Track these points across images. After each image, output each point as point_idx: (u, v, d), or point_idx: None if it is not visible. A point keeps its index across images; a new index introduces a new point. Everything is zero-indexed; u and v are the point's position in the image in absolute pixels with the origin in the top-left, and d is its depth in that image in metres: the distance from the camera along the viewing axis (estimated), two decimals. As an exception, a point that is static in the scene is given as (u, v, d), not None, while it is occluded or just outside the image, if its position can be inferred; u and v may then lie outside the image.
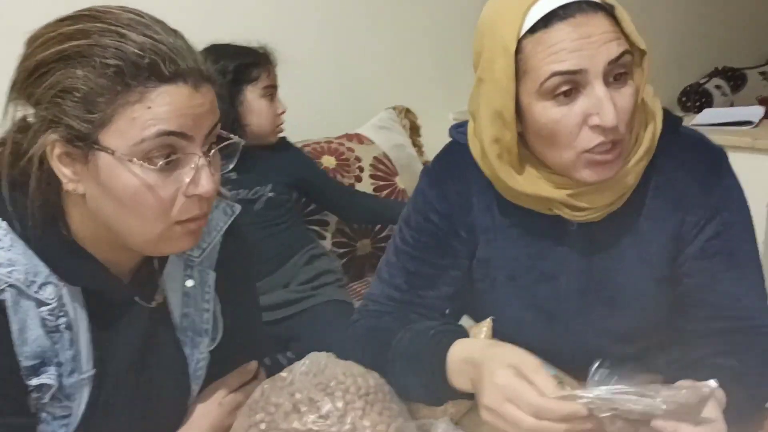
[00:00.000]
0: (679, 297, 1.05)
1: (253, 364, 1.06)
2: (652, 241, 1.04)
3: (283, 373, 0.94)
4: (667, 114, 1.03)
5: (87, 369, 0.87)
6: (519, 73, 0.92)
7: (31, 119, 0.82)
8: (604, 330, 1.07)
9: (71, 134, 0.78)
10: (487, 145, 0.99)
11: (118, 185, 0.79)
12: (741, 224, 1.03)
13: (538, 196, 1.00)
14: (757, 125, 2.43)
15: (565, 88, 0.90)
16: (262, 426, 0.89)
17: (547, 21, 0.89)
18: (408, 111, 2.61)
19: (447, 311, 1.12)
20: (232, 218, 1.02)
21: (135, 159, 0.78)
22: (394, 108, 2.57)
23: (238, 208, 1.03)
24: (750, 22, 3.99)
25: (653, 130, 0.99)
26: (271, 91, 1.87)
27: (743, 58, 3.88)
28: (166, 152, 0.79)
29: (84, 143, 0.78)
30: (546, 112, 0.92)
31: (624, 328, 1.07)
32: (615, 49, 0.89)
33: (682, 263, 1.04)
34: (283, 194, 1.92)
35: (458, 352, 0.90)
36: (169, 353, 0.96)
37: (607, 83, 0.90)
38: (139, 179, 0.79)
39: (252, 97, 1.84)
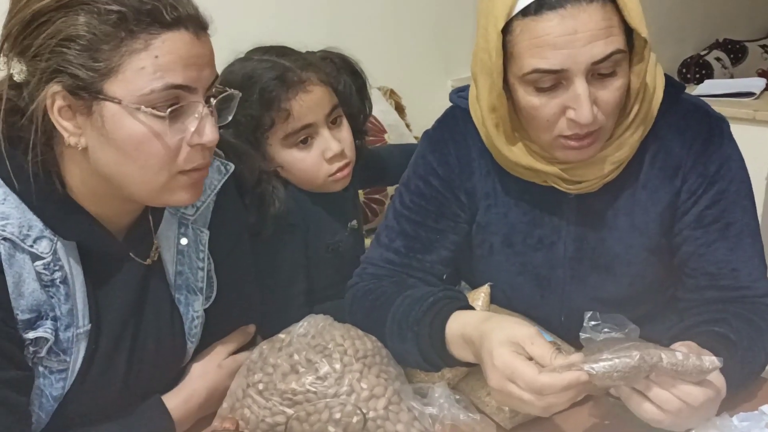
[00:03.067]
0: (675, 266, 1.06)
1: (252, 327, 1.06)
2: (647, 210, 1.04)
3: (282, 335, 0.94)
4: (670, 81, 1.02)
5: (83, 323, 0.87)
6: (506, 53, 0.92)
7: (20, 76, 0.80)
8: (596, 297, 1.07)
9: (75, 84, 0.77)
10: (486, 113, 0.99)
11: (123, 134, 0.79)
12: (739, 194, 1.02)
13: (533, 169, 1.00)
14: (758, 97, 2.42)
15: (546, 84, 0.90)
16: (260, 386, 0.89)
17: (538, 6, 0.88)
18: (393, 92, 2.62)
19: (444, 276, 1.13)
20: (227, 177, 1.02)
21: (143, 107, 0.78)
22: (379, 88, 2.56)
23: (231, 166, 1.03)
24: (752, -5, 3.96)
25: (650, 101, 0.99)
26: (302, 134, 1.22)
27: (744, 31, 3.85)
28: (171, 102, 0.79)
29: (89, 93, 0.77)
30: (527, 97, 0.93)
31: (616, 296, 1.08)
32: (601, 49, 0.88)
33: (678, 232, 1.04)
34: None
35: (456, 327, 0.91)
36: (164, 311, 0.96)
37: (591, 78, 0.89)
38: (146, 127, 0.79)
39: (274, 149, 1.24)
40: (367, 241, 2.20)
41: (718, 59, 3.56)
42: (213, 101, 0.84)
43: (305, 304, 1.24)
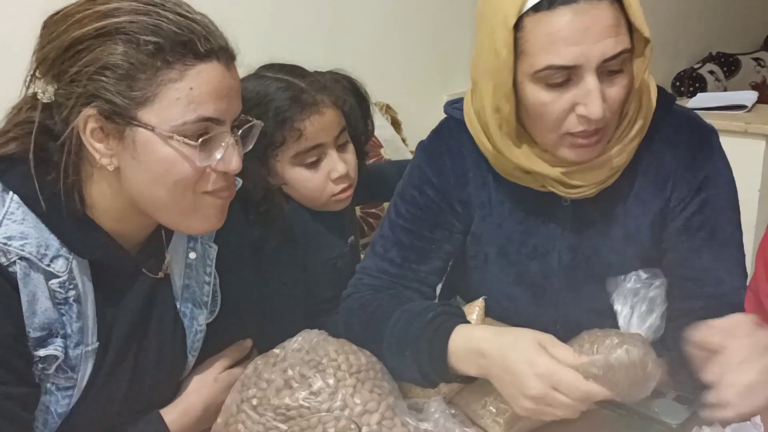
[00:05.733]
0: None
1: (248, 342, 1.06)
2: (639, 219, 1.05)
3: (276, 350, 0.95)
4: (661, 92, 1.04)
5: (92, 341, 0.88)
6: (517, 50, 0.92)
7: (45, 95, 0.82)
8: (591, 307, 1.07)
9: (111, 110, 0.79)
10: (489, 114, 0.99)
11: (154, 158, 0.82)
12: (725, 203, 1.04)
13: (534, 172, 1.00)
14: (750, 110, 2.44)
15: (557, 80, 0.91)
16: (254, 401, 0.89)
17: (551, 1, 0.89)
18: (389, 107, 2.63)
19: (438, 286, 1.13)
20: (235, 190, 1.02)
21: (176, 135, 0.81)
22: (375, 104, 2.57)
23: (239, 182, 1.04)
24: (744, 8, 3.99)
25: (646, 110, 1.00)
26: (312, 155, 1.23)
27: (737, 44, 3.88)
28: (201, 132, 0.82)
29: (123, 119, 0.80)
30: (536, 94, 0.93)
31: (610, 305, 1.08)
32: (612, 47, 0.89)
33: (666, 238, 1.05)
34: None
35: (463, 341, 0.91)
36: (168, 324, 0.97)
37: (600, 75, 0.90)
38: (178, 153, 0.82)
39: (282, 167, 1.24)
40: (362, 256, 2.20)
41: (711, 72, 3.58)
42: (238, 131, 0.86)
43: (303, 318, 1.24)
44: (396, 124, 2.64)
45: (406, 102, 2.70)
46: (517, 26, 0.91)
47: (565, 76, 0.90)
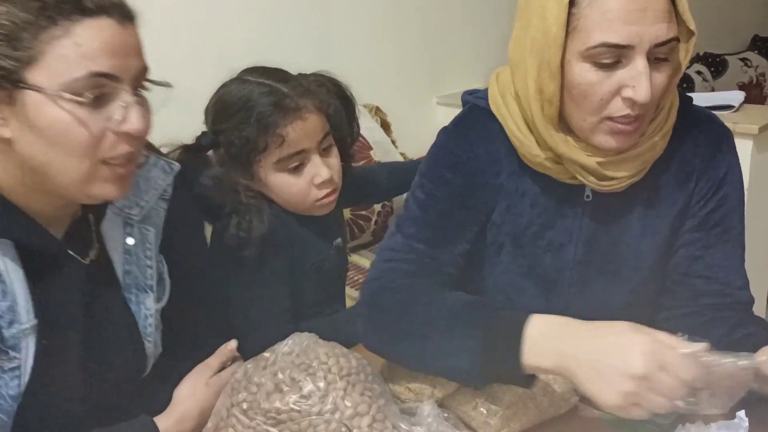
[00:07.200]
0: (669, 271, 1.08)
1: (233, 343, 1.06)
2: (661, 214, 1.05)
3: (266, 353, 0.94)
4: (679, 91, 1.04)
5: (28, 319, 0.87)
6: (568, 26, 0.91)
7: None
8: (598, 303, 1.08)
9: None
10: (532, 95, 0.97)
11: (46, 122, 0.79)
12: (738, 201, 1.06)
13: (570, 160, 0.99)
14: (737, 110, 2.45)
15: (607, 60, 0.90)
16: (244, 405, 0.89)
17: None
18: (378, 109, 2.64)
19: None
20: (173, 176, 1.02)
21: (65, 94, 0.78)
22: (364, 106, 2.58)
23: (177, 166, 1.03)
24: (731, 9, 4.02)
25: (674, 105, 1.01)
26: (294, 160, 1.23)
27: (724, 45, 3.91)
28: (95, 89, 0.79)
29: (10, 82, 0.77)
30: (584, 73, 0.92)
31: (617, 303, 1.09)
32: (665, 32, 0.89)
33: (682, 234, 1.06)
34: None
35: (544, 326, 0.84)
36: (116, 311, 0.97)
37: (648, 60, 0.90)
38: (69, 114, 0.79)
39: (265, 172, 1.24)
40: (353, 258, 2.20)
41: (699, 72, 3.61)
42: (143, 92, 0.83)
43: (290, 322, 1.24)
44: (386, 127, 2.65)
45: (396, 104, 2.71)
46: (572, 2, 0.90)
47: (615, 57, 0.90)
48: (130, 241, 0.98)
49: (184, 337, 1.05)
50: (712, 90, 3.51)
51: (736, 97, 2.52)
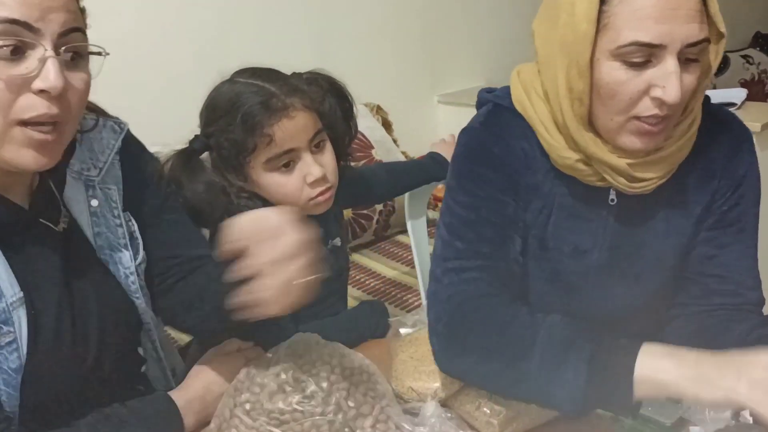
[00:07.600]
0: (684, 269, 1.07)
1: (234, 344, 1.06)
2: (684, 214, 1.05)
3: (269, 354, 0.94)
4: None
5: (14, 291, 0.87)
6: (598, 24, 0.90)
7: None
8: (621, 304, 1.07)
9: None
10: (563, 94, 0.95)
11: None
12: (754, 202, 1.06)
13: (600, 161, 0.97)
14: (739, 107, 2.45)
15: (638, 58, 0.89)
16: (247, 406, 0.89)
17: None
18: (379, 108, 2.63)
19: None
20: (123, 134, 1.02)
21: None
22: (365, 105, 2.58)
23: (126, 124, 1.03)
24: (732, 6, 4.01)
25: (700, 102, 1.00)
26: (284, 159, 1.22)
27: (726, 42, 3.89)
28: (12, 42, 0.76)
29: None
30: (613, 72, 0.91)
31: (640, 303, 1.08)
32: (697, 32, 0.88)
33: (700, 231, 1.06)
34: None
35: (659, 354, 0.80)
36: (96, 274, 0.98)
37: (678, 60, 0.89)
38: None
39: (256, 173, 1.23)
40: (354, 257, 2.20)
41: (700, 70, 3.60)
42: (65, 51, 0.79)
43: (289, 322, 1.24)
44: (387, 125, 2.65)
45: (397, 103, 2.71)
46: (603, 0, 0.89)
47: (645, 56, 0.89)
48: (95, 202, 0.98)
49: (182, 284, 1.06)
50: (714, 87, 3.50)
51: (738, 94, 2.52)
